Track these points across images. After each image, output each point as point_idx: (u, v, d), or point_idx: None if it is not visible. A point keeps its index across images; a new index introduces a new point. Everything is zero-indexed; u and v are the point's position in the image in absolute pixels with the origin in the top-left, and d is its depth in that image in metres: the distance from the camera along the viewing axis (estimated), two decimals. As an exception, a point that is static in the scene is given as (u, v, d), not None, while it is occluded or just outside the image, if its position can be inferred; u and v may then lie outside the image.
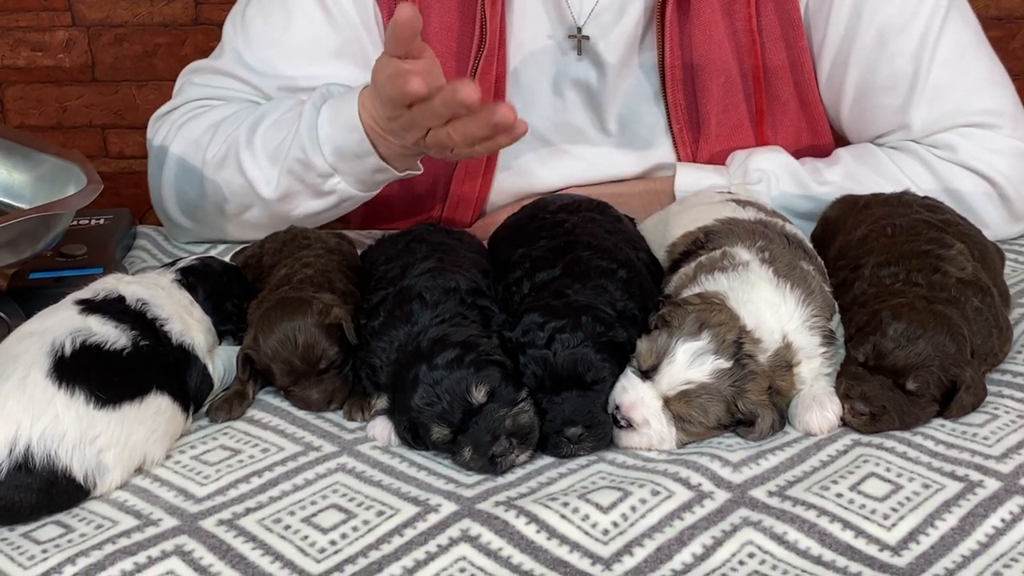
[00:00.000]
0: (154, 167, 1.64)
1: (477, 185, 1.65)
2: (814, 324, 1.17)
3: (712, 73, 1.57)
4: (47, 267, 1.46)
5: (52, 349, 1.10)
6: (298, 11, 1.60)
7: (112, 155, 3.40)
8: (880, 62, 1.55)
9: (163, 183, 1.62)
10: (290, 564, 1.01)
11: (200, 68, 1.66)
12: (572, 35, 1.59)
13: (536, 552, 1.01)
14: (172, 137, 1.60)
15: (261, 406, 1.25)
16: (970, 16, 1.59)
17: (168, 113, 1.65)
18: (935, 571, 0.98)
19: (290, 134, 1.48)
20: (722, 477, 1.09)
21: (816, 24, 1.58)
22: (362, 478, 1.12)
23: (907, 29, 1.54)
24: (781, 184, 1.54)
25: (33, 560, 1.01)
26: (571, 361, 1.13)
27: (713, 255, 1.24)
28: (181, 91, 1.66)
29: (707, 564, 1.00)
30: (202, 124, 1.59)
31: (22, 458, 1.04)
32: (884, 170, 1.55)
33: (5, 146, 1.49)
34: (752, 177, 1.54)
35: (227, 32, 1.65)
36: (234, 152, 1.53)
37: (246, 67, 1.61)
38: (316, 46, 1.60)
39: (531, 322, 1.16)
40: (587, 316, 1.15)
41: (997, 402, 1.20)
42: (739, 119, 1.60)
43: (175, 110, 1.64)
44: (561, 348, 1.13)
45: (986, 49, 1.60)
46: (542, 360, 1.14)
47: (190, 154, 1.58)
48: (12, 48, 3.35)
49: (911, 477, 1.09)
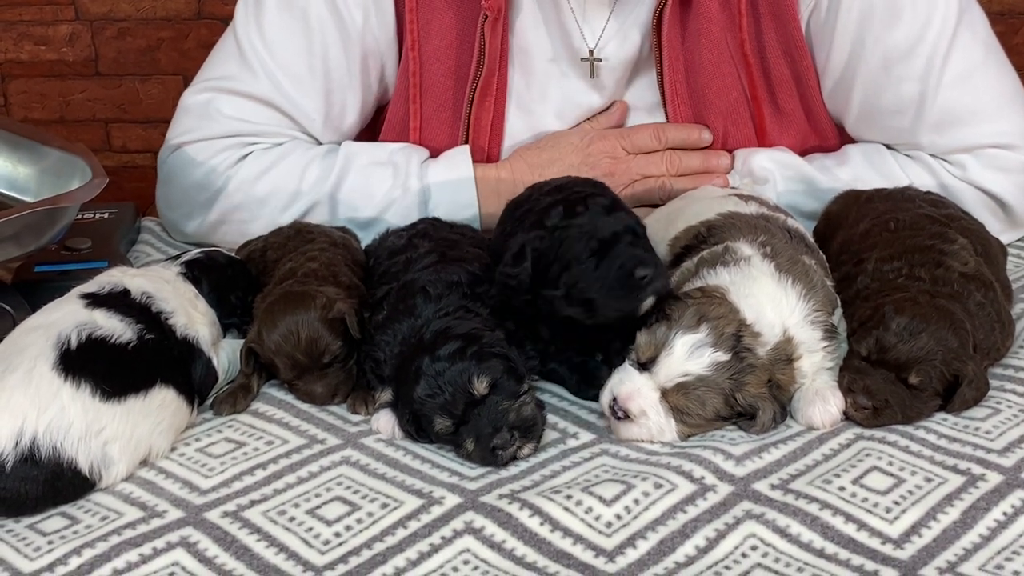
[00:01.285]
0: (182, 196, 1.58)
1: None
2: (816, 319, 1.18)
3: (714, 92, 1.56)
4: (52, 260, 1.46)
5: (58, 342, 1.10)
6: (317, 32, 1.55)
7: (115, 149, 3.40)
8: (886, 88, 1.51)
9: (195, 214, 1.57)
10: (295, 556, 1.01)
11: (229, 90, 1.57)
12: (584, 58, 1.57)
13: (540, 544, 1.02)
14: (222, 177, 1.54)
15: (266, 399, 1.25)
16: (980, 29, 1.54)
17: (201, 143, 1.57)
18: (937, 564, 0.98)
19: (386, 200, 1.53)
20: (725, 470, 1.09)
21: (820, 45, 1.54)
22: (366, 471, 1.12)
23: (913, 53, 1.49)
24: (789, 183, 1.54)
25: (39, 551, 1.02)
26: (617, 227, 1.18)
27: (715, 250, 1.24)
28: (211, 118, 1.56)
29: (710, 557, 1.00)
30: (263, 176, 1.55)
31: (28, 450, 1.05)
32: (893, 176, 1.52)
33: (10, 140, 1.49)
34: (759, 176, 1.54)
35: (247, 47, 1.56)
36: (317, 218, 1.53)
37: (285, 96, 1.55)
38: (344, 70, 1.56)
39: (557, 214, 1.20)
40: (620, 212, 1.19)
41: (999, 396, 1.20)
42: (746, 134, 1.59)
43: (211, 141, 1.56)
44: (602, 227, 1.18)
45: (996, 63, 1.54)
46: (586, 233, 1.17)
47: (250, 206, 1.55)
48: (16, 42, 3.35)
49: (913, 471, 1.09)
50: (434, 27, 1.56)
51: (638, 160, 1.56)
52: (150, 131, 3.33)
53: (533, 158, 1.56)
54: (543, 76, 1.59)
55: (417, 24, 1.55)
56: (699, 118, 1.58)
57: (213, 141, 1.57)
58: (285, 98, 1.56)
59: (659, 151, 1.57)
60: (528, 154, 1.57)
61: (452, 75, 1.57)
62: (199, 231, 1.59)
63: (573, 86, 1.59)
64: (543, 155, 1.56)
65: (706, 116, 1.57)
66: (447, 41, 1.56)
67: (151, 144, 3.34)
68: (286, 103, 1.56)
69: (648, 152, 1.57)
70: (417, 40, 1.56)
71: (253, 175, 1.55)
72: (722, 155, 1.57)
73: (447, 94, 1.58)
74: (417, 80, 1.57)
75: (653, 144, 1.56)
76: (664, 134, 1.56)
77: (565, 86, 1.59)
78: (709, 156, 1.57)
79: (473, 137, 1.57)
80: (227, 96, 1.57)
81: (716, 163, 1.56)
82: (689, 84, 1.56)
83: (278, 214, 1.53)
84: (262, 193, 1.54)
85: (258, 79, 1.55)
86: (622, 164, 1.55)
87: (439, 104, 1.59)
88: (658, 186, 1.55)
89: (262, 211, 1.54)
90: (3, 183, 1.48)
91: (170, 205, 1.62)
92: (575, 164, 1.54)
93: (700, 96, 1.57)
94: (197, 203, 1.58)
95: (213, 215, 1.57)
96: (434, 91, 1.58)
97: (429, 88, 1.58)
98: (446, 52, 1.57)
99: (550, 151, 1.56)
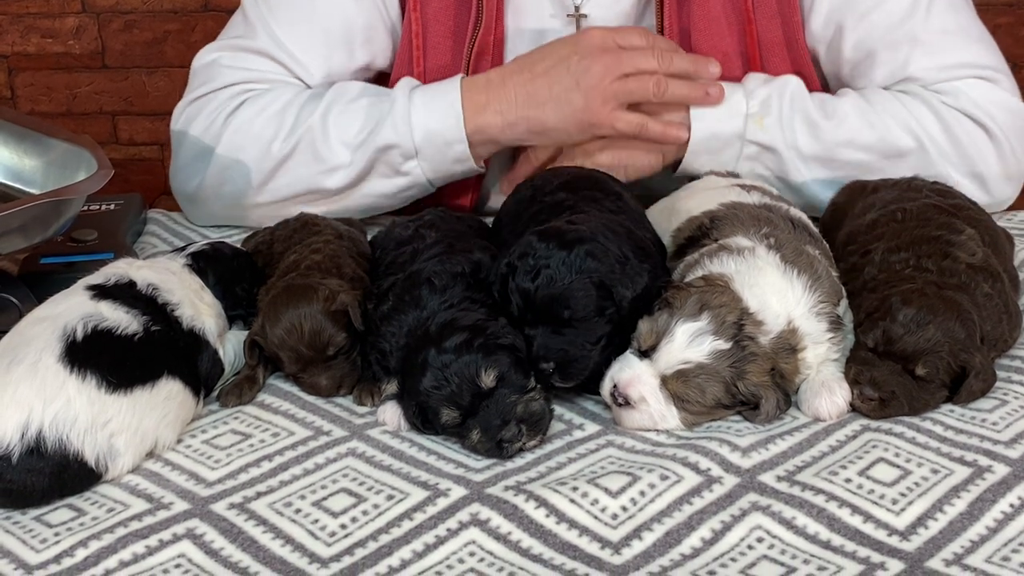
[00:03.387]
0: (186, 154, 1.61)
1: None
2: (821, 310, 1.17)
3: (709, 51, 1.56)
4: (58, 252, 1.46)
5: (64, 334, 1.10)
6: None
7: (122, 142, 3.40)
8: (878, 18, 1.55)
9: (198, 169, 1.59)
10: (300, 547, 1.01)
11: (231, 47, 1.63)
12: (570, 14, 1.60)
13: (545, 536, 1.01)
14: (219, 125, 1.57)
15: (271, 391, 1.25)
16: None
17: (204, 97, 1.61)
18: (944, 556, 0.98)
19: (371, 119, 1.51)
20: (731, 462, 1.09)
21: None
22: (372, 462, 1.12)
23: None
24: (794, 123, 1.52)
25: (45, 543, 1.02)
26: (549, 297, 1.15)
27: (720, 242, 1.24)
28: (214, 74, 1.61)
29: (716, 548, 1.00)
30: (260, 114, 1.56)
31: (34, 442, 1.05)
32: (891, 109, 1.53)
33: (16, 132, 1.49)
34: (762, 107, 1.53)
35: (251, 9, 1.63)
36: (307, 143, 1.53)
37: (284, 50, 1.60)
38: (347, 29, 1.61)
39: (527, 244, 1.17)
40: (581, 248, 1.16)
41: (1006, 388, 1.20)
42: None
43: (213, 93, 1.60)
44: (544, 282, 1.14)
45: (974, 11, 1.62)
46: (524, 292, 1.15)
47: (247, 146, 1.56)
48: (23, 35, 3.36)
49: (920, 462, 1.09)
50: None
51: (630, 54, 1.50)
52: (157, 123, 3.34)
53: (524, 58, 1.53)
54: (539, 33, 1.59)
55: None
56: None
57: (215, 93, 1.60)
58: (284, 51, 1.60)
59: (650, 48, 1.51)
60: (521, 56, 1.55)
61: (451, 35, 1.60)
62: (202, 189, 1.60)
63: None
64: (533, 54, 1.53)
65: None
66: (446, 1, 1.59)
67: (158, 136, 3.35)
68: (285, 56, 1.60)
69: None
70: (419, 1, 1.58)
71: (252, 114, 1.57)
72: (711, 62, 1.53)
73: (447, 54, 1.60)
74: (420, 42, 1.60)
75: (643, 45, 1.50)
76: (659, 48, 1.51)
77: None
78: (698, 59, 1.53)
79: None
80: (230, 53, 1.62)
81: (706, 68, 1.52)
82: (682, 43, 1.56)
83: (276, 145, 1.54)
84: (258, 129, 1.56)
85: (258, 35, 1.61)
86: (612, 55, 1.49)
87: (439, 64, 1.60)
88: (653, 82, 1.49)
89: (255, 146, 1.55)
90: (9, 175, 1.49)
91: (177, 168, 1.64)
92: (564, 56, 1.49)
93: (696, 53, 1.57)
94: (200, 154, 1.59)
95: (213, 168, 1.58)
96: (435, 51, 1.60)
97: (431, 48, 1.60)
98: (445, 12, 1.60)
99: (540, 49, 1.53)
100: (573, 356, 1.16)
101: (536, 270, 1.15)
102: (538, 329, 1.16)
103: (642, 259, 1.20)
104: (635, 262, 1.19)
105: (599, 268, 1.15)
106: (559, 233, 1.18)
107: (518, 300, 1.16)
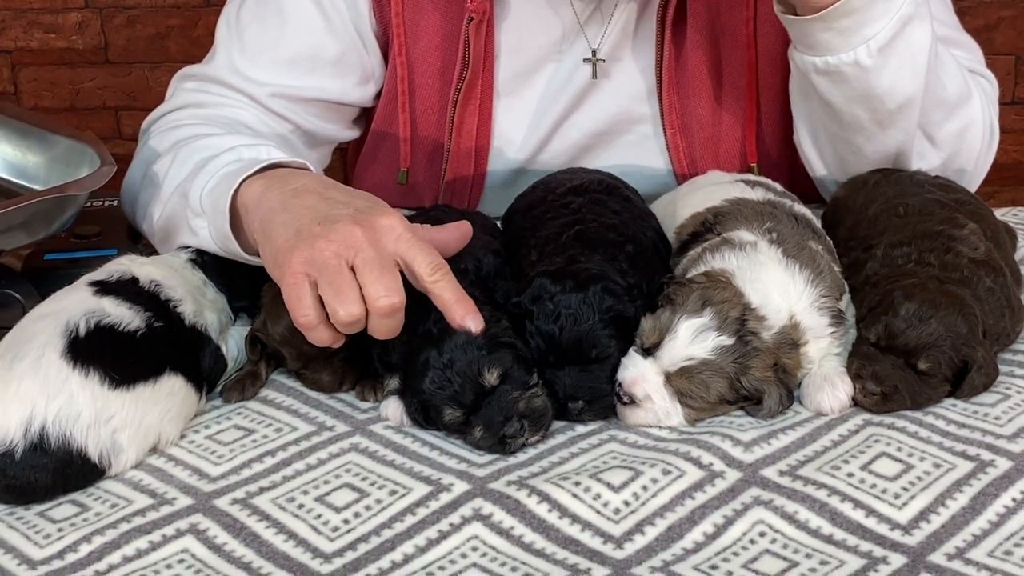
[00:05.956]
0: (133, 168, 1.53)
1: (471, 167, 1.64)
2: (823, 304, 1.17)
3: (704, 73, 1.55)
4: (62, 248, 1.46)
5: (67, 330, 1.11)
6: (295, 17, 1.52)
7: (125, 137, 3.40)
8: None
9: (132, 183, 1.50)
10: (304, 543, 1.02)
11: (192, 75, 1.58)
12: (587, 59, 1.56)
13: (548, 531, 1.02)
14: (153, 149, 1.49)
15: (274, 386, 1.26)
16: None
17: (159, 119, 1.56)
18: (946, 550, 0.98)
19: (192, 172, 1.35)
20: (733, 457, 1.09)
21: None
22: (375, 458, 1.13)
23: None
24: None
25: (49, 539, 1.02)
26: (576, 338, 1.14)
27: (722, 236, 1.24)
28: (173, 96, 1.58)
29: (718, 543, 1.00)
30: (169, 140, 1.48)
31: (37, 438, 1.05)
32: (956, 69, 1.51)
33: (19, 128, 1.49)
34: None
35: (220, 34, 1.57)
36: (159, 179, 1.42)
37: (239, 74, 1.52)
38: (315, 55, 1.53)
39: (540, 287, 1.17)
40: (596, 287, 1.16)
41: (1009, 382, 1.20)
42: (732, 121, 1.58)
43: (163, 117, 1.55)
44: (568, 324, 1.14)
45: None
46: (548, 335, 1.15)
47: (149, 175, 1.45)
48: (25, 30, 3.36)
49: (922, 457, 1.09)
50: (421, 28, 1.55)
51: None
52: (160, 119, 3.33)
53: (287, 185, 1.23)
54: (534, 74, 1.58)
55: (404, 26, 1.54)
56: (686, 102, 1.57)
57: (169, 114, 1.55)
58: (237, 75, 1.52)
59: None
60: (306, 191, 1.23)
61: (438, 76, 1.57)
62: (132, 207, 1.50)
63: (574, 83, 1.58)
64: (297, 187, 1.23)
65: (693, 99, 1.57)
66: (433, 43, 1.55)
67: (161, 132, 3.34)
68: (236, 78, 1.52)
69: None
70: (404, 43, 1.55)
71: (162, 143, 1.48)
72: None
73: (434, 96, 1.57)
74: (405, 86, 1.57)
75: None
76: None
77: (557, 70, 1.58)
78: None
79: (457, 140, 1.57)
80: (190, 80, 1.57)
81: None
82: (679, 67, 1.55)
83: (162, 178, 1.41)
84: (160, 148, 1.47)
85: (216, 58, 1.55)
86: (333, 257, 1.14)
87: (426, 106, 1.58)
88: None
89: (152, 168, 1.45)
90: (12, 171, 1.49)
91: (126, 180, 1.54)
92: (315, 205, 1.19)
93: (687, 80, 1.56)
94: (135, 170, 1.51)
95: (133, 189, 1.48)
96: (421, 93, 1.58)
97: (417, 90, 1.58)
98: (432, 53, 1.56)
99: (305, 190, 1.22)
100: (602, 392, 1.16)
101: (556, 313, 1.15)
102: (564, 370, 1.15)
103: (641, 266, 1.22)
104: (643, 285, 1.20)
105: (615, 304, 1.16)
106: (572, 274, 1.17)
107: (540, 343, 1.15)
